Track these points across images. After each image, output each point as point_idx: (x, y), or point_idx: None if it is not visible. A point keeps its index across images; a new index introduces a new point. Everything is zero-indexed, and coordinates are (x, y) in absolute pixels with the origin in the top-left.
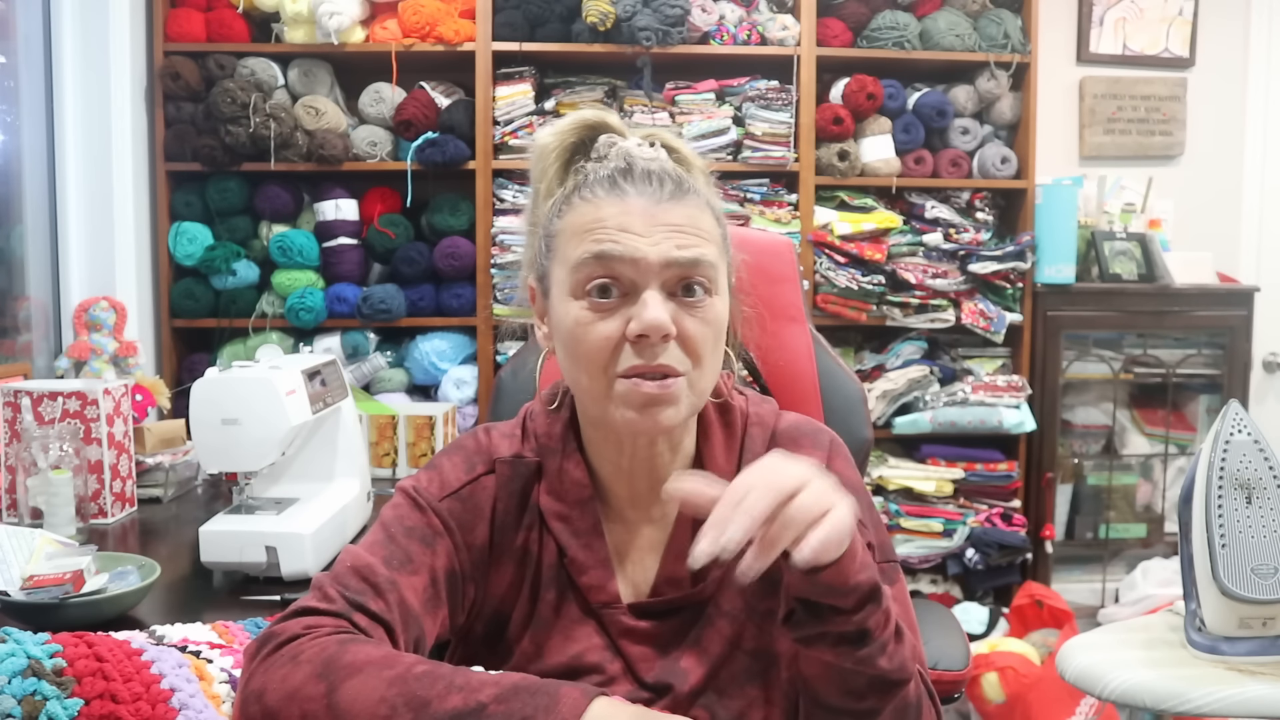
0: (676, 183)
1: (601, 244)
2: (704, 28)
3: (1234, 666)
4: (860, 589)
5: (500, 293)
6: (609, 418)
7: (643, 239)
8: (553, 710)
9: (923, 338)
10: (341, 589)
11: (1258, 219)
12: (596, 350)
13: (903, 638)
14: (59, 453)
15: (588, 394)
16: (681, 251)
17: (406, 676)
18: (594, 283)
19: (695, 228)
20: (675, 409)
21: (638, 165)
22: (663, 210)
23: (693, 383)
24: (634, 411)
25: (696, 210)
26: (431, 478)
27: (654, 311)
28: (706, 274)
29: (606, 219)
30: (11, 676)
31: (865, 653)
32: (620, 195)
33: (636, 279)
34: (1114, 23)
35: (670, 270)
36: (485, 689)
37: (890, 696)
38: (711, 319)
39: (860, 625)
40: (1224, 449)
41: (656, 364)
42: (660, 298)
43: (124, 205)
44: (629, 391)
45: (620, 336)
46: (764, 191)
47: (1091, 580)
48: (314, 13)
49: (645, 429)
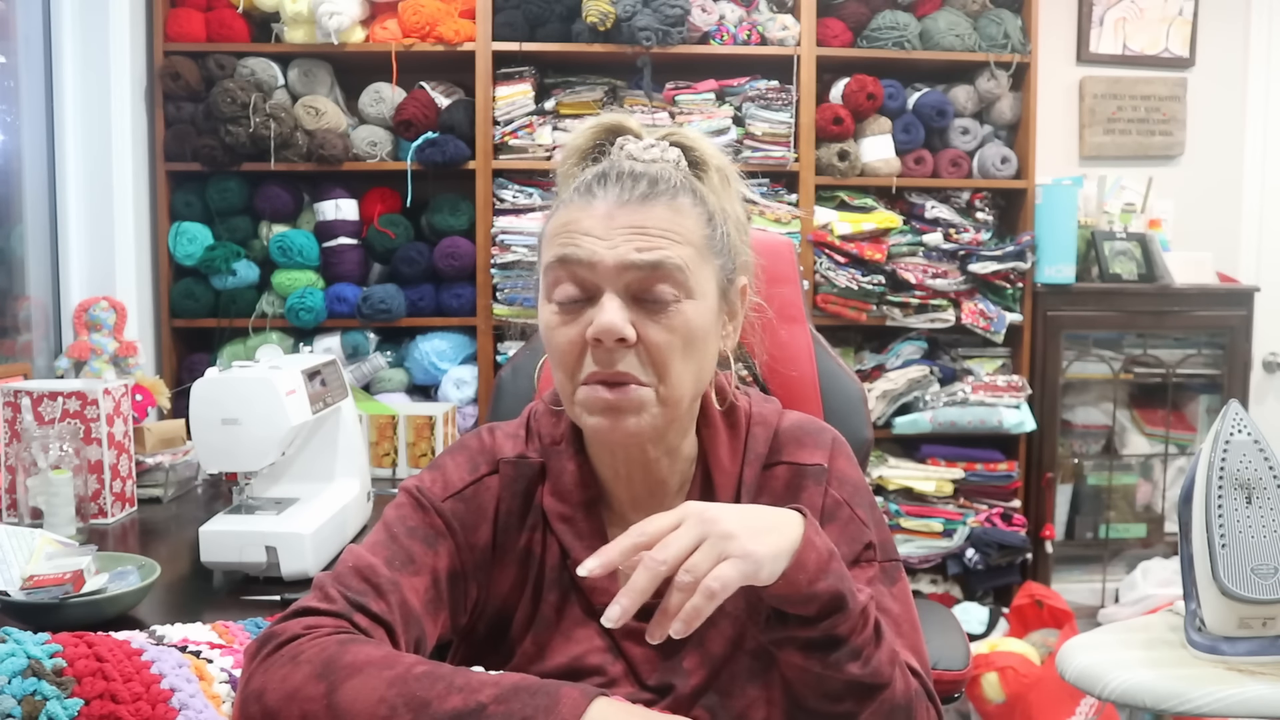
0: (652, 183)
1: (565, 248)
2: (704, 28)
3: (1234, 666)
4: (819, 598)
5: (500, 293)
6: (581, 424)
7: (601, 242)
8: (553, 711)
9: (923, 338)
10: (343, 589)
11: (1258, 219)
12: (563, 354)
13: (882, 642)
14: (59, 453)
15: (564, 396)
16: (641, 255)
17: (406, 677)
18: (559, 286)
19: (664, 230)
20: (638, 418)
21: (616, 169)
22: (627, 212)
23: (660, 395)
24: (595, 418)
25: (672, 212)
26: (435, 478)
27: (607, 315)
28: (674, 277)
29: (574, 223)
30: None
31: (834, 658)
32: (589, 200)
33: (597, 282)
34: (1114, 23)
35: (629, 274)
36: (485, 689)
37: (868, 700)
38: (679, 325)
39: (827, 632)
40: (1224, 449)
41: (614, 371)
42: (618, 302)
43: (124, 205)
44: (588, 398)
45: (583, 341)
46: (764, 191)
47: (1091, 580)
48: (314, 13)
49: (611, 436)
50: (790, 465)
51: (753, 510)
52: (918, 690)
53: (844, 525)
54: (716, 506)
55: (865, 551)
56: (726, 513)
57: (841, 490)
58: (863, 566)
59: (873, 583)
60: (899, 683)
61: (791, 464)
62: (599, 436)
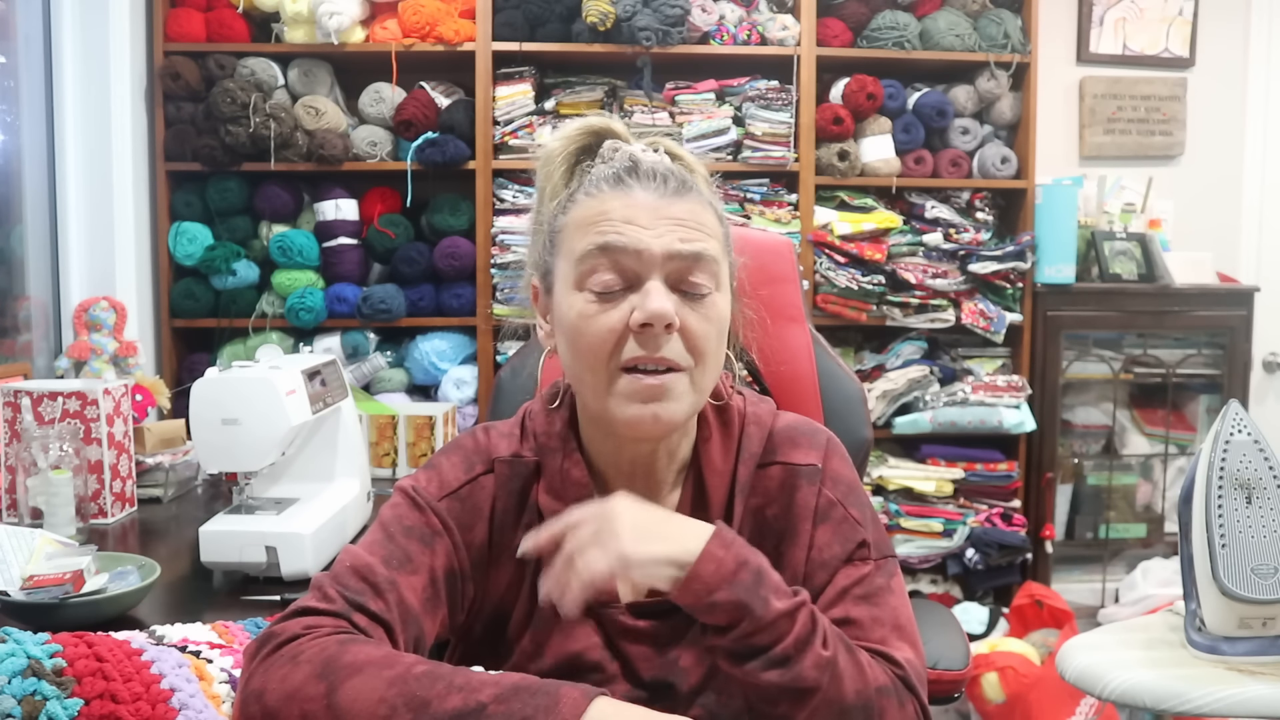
0: (680, 181)
1: (606, 235)
2: (704, 28)
3: (1234, 666)
4: (721, 607)
5: (500, 293)
6: (609, 414)
7: (647, 231)
8: (553, 710)
9: (923, 338)
10: (341, 589)
11: (1258, 219)
12: (600, 341)
13: (809, 649)
14: (59, 453)
15: (589, 389)
16: (685, 245)
17: (406, 676)
18: (598, 274)
19: (699, 223)
20: (677, 404)
21: (643, 163)
22: (667, 204)
23: (695, 380)
24: (635, 405)
25: (700, 208)
26: (430, 477)
27: (658, 300)
28: (710, 269)
29: (611, 212)
30: (11, 676)
31: (749, 666)
32: (625, 190)
33: (640, 270)
34: (1114, 23)
35: (673, 263)
36: (485, 689)
37: (801, 704)
38: (714, 316)
39: (738, 641)
40: (1224, 449)
41: (659, 355)
42: (664, 289)
43: (124, 205)
44: (630, 385)
45: (623, 328)
46: (764, 191)
47: (1091, 580)
48: (314, 13)
49: (645, 425)
50: (784, 465)
51: (655, 516)
52: (886, 686)
53: (837, 525)
54: (625, 505)
55: (859, 550)
56: (627, 512)
57: (835, 490)
58: (856, 564)
59: (867, 580)
60: (847, 683)
61: (785, 464)
62: (628, 427)
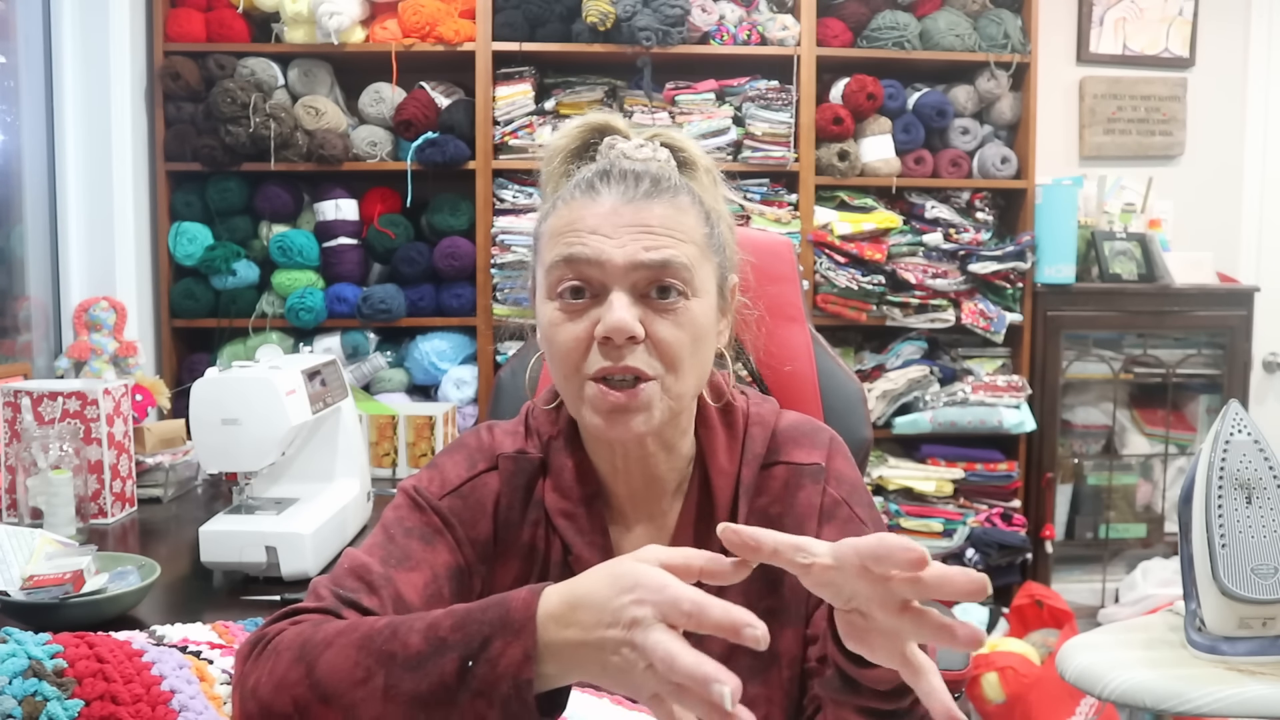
0: (655, 182)
1: (571, 247)
2: (704, 28)
3: (1234, 666)
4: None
5: (500, 293)
6: (583, 421)
7: (609, 241)
8: (507, 620)
9: (923, 338)
10: (335, 589)
11: (1258, 219)
12: (566, 352)
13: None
14: (59, 453)
15: (566, 395)
16: (649, 254)
17: (371, 634)
18: (564, 285)
19: (669, 228)
20: (646, 415)
21: (618, 166)
22: (633, 210)
23: (667, 388)
24: (601, 417)
25: (675, 210)
26: (432, 476)
27: (617, 313)
28: (679, 276)
29: (578, 221)
30: (12, 677)
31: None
32: (593, 197)
33: (605, 280)
34: (1114, 23)
35: (638, 272)
36: (442, 624)
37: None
38: (686, 322)
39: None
40: (1224, 449)
41: (623, 365)
42: (627, 300)
43: (124, 205)
44: (596, 397)
45: (589, 338)
46: (764, 191)
47: (1091, 580)
48: (314, 13)
49: (616, 436)
50: (788, 465)
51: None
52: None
53: (843, 524)
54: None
55: None
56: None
57: (839, 489)
58: None
59: None
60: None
61: (789, 464)
62: (599, 435)
